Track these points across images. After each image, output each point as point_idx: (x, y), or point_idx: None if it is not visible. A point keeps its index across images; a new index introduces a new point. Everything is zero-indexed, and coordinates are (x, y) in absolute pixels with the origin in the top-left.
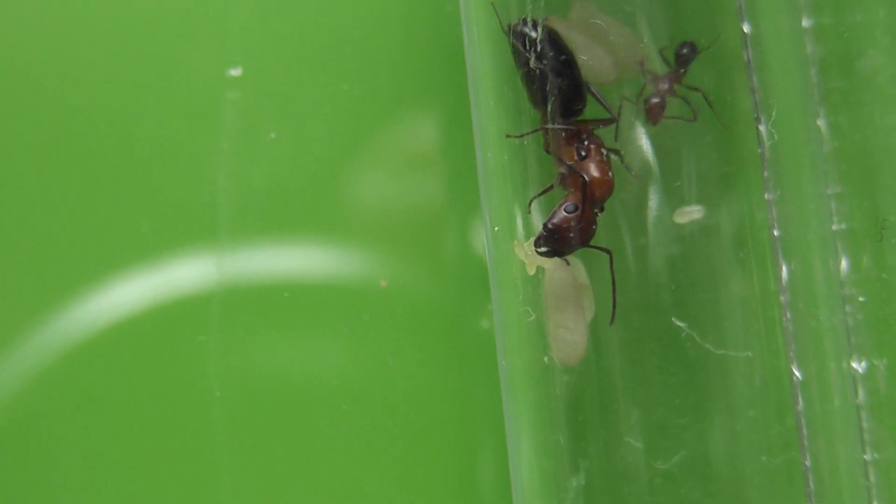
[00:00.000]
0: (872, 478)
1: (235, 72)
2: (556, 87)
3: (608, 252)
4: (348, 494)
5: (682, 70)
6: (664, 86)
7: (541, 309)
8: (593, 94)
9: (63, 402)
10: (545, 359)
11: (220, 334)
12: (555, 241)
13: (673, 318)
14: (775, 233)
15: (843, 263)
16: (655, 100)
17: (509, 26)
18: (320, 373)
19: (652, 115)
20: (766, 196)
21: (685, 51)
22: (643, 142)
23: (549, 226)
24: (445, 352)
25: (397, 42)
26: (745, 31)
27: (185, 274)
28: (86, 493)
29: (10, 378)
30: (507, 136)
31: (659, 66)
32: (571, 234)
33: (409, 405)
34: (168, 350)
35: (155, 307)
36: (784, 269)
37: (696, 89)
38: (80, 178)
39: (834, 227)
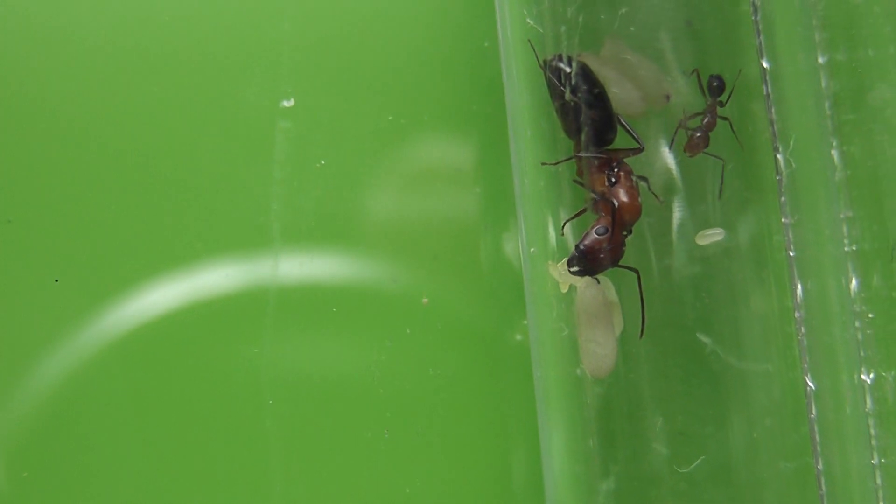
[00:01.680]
0: (879, 480)
1: (288, 103)
2: (589, 118)
3: (636, 271)
4: (390, 495)
5: (718, 102)
6: (708, 119)
7: (573, 324)
8: (623, 125)
9: (127, 393)
10: (577, 371)
11: (272, 343)
12: (586, 262)
13: (698, 334)
14: (791, 254)
15: (854, 282)
16: (699, 134)
17: (545, 61)
18: (366, 382)
19: (693, 148)
20: (783, 220)
21: (715, 84)
22: (671, 168)
23: (581, 247)
24: (483, 363)
25: (439, 75)
26: (765, 66)
27: (242, 288)
28: (140, 480)
29: (76, 358)
30: (543, 163)
31: (685, 100)
32: (602, 255)
33: (448, 413)
34: (224, 357)
35: (213, 316)
36: (800, 287)
37: (725, 118)
38: (148, 200)
39: (846, 249)
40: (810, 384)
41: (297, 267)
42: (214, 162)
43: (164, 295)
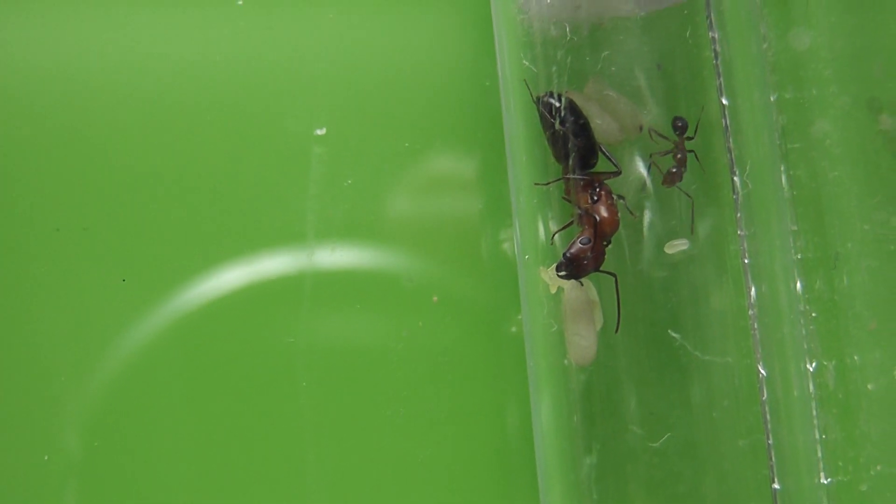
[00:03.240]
0: (820, 454)
1: (321, 132)
2: (575, 146)
3: (614, 275)
4: (405, 459)
5: (687, 137)
6: (680, 156)
7: (560, 320)
8: (603, 152)
9: (183, 370)
10: (564, 360)
11: (306, 329)
12: (572, 267)
13: (669, 331)
14: (746, 261)
15: (800, 286)
16: (674, 169)
17: (538, 98)
18: (385, 363)
19: (671, 181)
20: (739, 232)
21: (679, 124)
22: (644, 188)
23: (568, 255)
24: (484, 352)
25: (448, 109)
26: (724, 103)
27: (281, 283)
28: (192, 445)
29: (141, 344)
30: (536, 184)
31: (660, 133)
32: (585, 262)
33: (453, 392)
34: (266, 339)
35: (257, 306)
36: (753, 290)
37: (691, 150)
38: (204, 212)
39: (793, 258)
40: (762, 371)
41: (327, 266)
42: (260, 180)
43: (215, 288)
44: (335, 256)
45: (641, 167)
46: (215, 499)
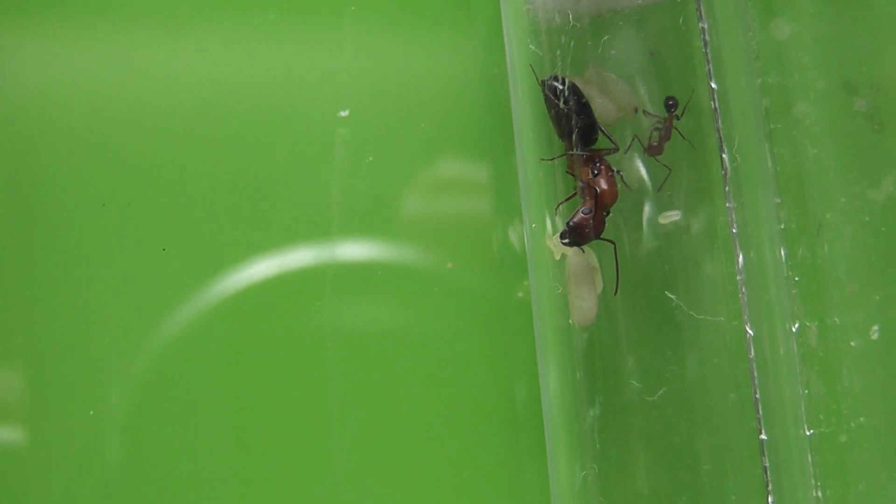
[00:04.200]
0: (803, 408)
1: (344, 113)
2: (577, 124)
3: (613, 243)
4: (420, 418)
5: (675, 116)
6: (664, 131)
7: (564, 284)
8: (602, 131)
9: (218, 348)
10: (568, 321)
11: (331, 302)
12: (575, 235)
13: (665, 292)
14: (734, 230)
15: (783, 253)
16: (655, 143)
17: (543, 81)
18: (403, 331)
19: (653, 152)
20: (727, 205)
21: (670, 102)
22: (640, 165)
23: (571, 224)
24: (494, 316)
25: (460, 93)
26: (713, 87)
27: (306, 258)
28: (230, 420)
29: (178, 330)
30: (542, 159)
31: (651, 111)
32: (587, 230)
33: (466, 356)
34: (294, 314)
35: (285, 282)
36: (741, 257)
37: (678, 130)
38: (232, 191)
39: (777, 228)
40: (749, 331)
41: (351, 239)
42: (287, 160)
43: (251, 262)
44: (357, 228)
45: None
46: (245, 454)
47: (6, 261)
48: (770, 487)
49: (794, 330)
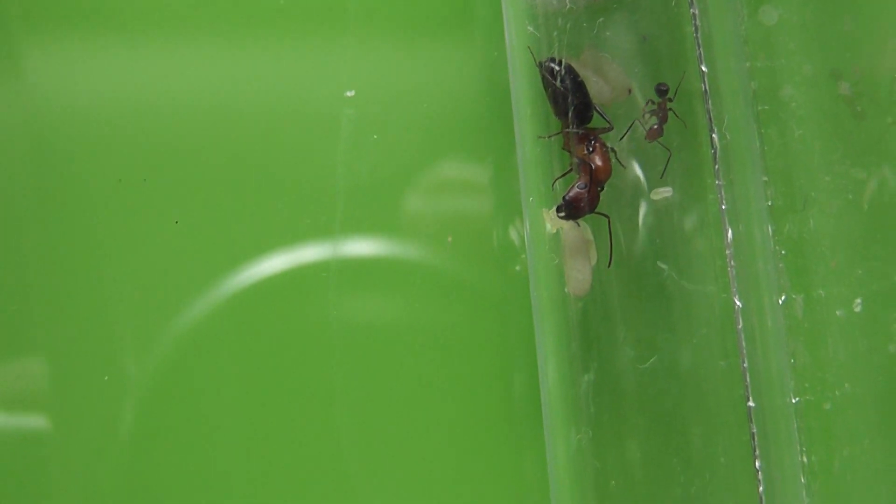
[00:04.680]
0: (789, 376)
1: (350, 94)
2: (573, 103)
3: (607, 217)
4: (420, 392)
5: (668, 99)
6: (661, 115)
7: (560, 256)
8: (597, 110)
9: (229, 336)
10: (564, 290)
11: (336, 290)
12: (571, 209)
13: (658, 262)
14: (723, 207)
15: (770, 229)
16: (655, 126)
17: (540, 63)
18: (404, 314)
19: (652, 136)
20: (717, 182)
21: (663, 88)
22: (633, 143)
23: (567, 198)
24: (493, 309)
25: (461, 76)
26: (703, 70)
27: (311, 248)
28: (240, 407)
29: (192, 320)
30: (539, 136)
31: (643, 94)
32: (582, 204)
33: (467, 346)
34: (300, 303)
35: (293, 271)
36: (730, 232)
37: (671, 110)
38: (240, 178)
39: (765, 204)
40: (738, 303)
41: (355, 223)
42: (294, 141)
43: (256, 259)
44: (360, 214)
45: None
46: (256, 437)
47: (27, 246)
48: (757, 453)
49: (780, 302)
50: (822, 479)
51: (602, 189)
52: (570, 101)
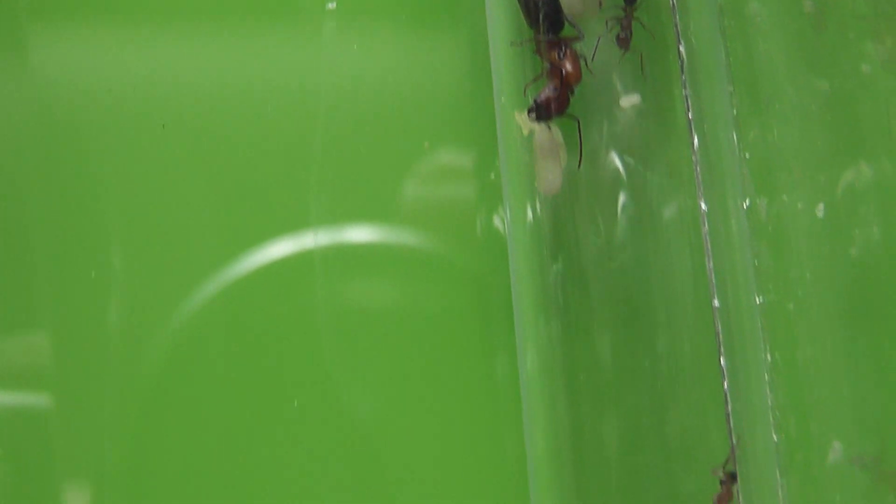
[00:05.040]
0: (753, 277)
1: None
2: (545, 13)
3: (577, 119)
4: (408, 363)
5: (632, 8)
6: (627, 23)
7: (531, 157)
8: (568, 20)
9: (225, 321)
10: (535, 184)
11: (324, 277)
12: (542, 112)
13: (624, 155)
14: (690, 115)
15: (735, 136)
16: (622, 35)
17: None
18: (388, 299)
19: (621, 44)
20: (683, 92)
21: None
22: (604, 53)
23: (539, 101)
24: (475, 293)
25: (446, 62)
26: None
27: (292, 239)
28: (238, 386)
29: (197, 302)
30: (512, 43)
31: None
32: (553, 107)
33: (449, 328)
34: (286, 292)
35: (282, 261)
36: (696, 139)
37: (637, 19)
38: (221, 171)
39: (731, 112)
40: (703, 206)
41: (338, 222)
42: (280, 128)
43: (263, 245)
44: (342, 211)
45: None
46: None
47: (31, 224)
48: (722, 350)
49: (745, 206)
50: (785, 377)
51: (572, 93)
52: (541, 9)
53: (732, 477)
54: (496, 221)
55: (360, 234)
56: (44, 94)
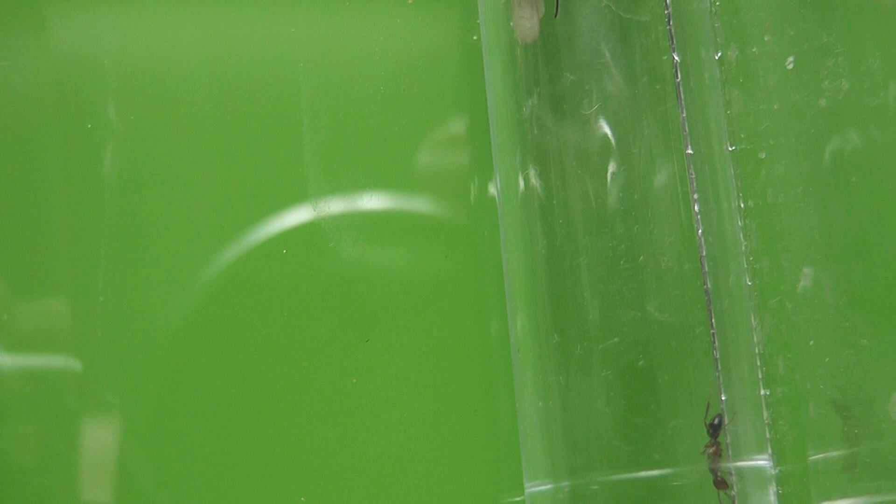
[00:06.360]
0: (725, 126)
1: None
2: None
3: None
4: (405, 327)
5: None
6: None
7: (510, 7)
8: None
9: (235, 289)
10: (509, 26)
11: (335, 244)
12: None
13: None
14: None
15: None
16: None
17: None
18: (387, 265)
19: None
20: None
21: None
22: None
23: None
24: (469, 255)
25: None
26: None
27: (291, 212)
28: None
29: (212, 272)
30: None
31: None
32: None
33: (445, 291)
34: (292, 263)
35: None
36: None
37: None
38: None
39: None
40: (676, 58)
41: (340, 192)
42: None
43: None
44: (342, 181)
45: None
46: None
47: (50, 190)
48: (696, 197)
49: (716, 58)
50: (758, 222)
51: None
52: None
53: (717, 427)
54: (490, 188)
55: (360, 202)
56: (60, 58)
